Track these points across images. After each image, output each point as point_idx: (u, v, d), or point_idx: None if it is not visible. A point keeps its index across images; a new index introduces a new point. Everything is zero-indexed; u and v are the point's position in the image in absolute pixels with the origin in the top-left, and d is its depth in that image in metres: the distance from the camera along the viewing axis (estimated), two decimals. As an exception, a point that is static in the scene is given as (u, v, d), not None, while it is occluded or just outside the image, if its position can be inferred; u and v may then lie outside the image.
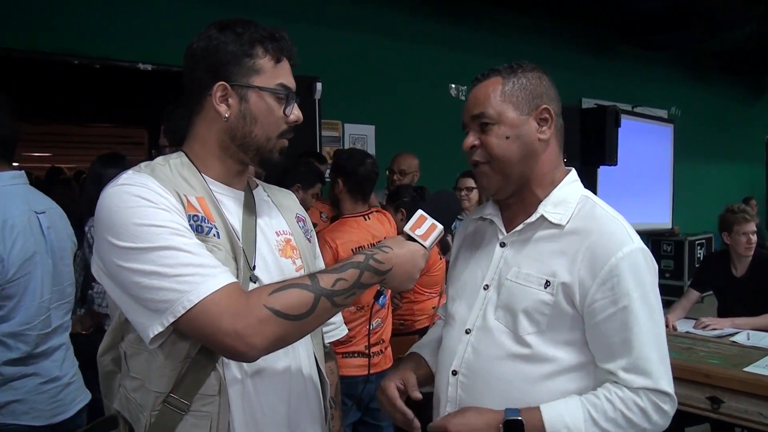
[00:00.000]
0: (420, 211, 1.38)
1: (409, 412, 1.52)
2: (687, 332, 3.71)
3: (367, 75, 5.57)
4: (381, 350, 3.09)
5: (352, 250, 2.86)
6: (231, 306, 1.13)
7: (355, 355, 2.93)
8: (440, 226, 1.36)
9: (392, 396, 1.53)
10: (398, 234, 1.40)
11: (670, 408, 1.35)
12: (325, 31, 5.27)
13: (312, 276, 1.21)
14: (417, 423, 1.53)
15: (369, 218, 3.10)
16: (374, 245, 2.99)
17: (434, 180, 4.27)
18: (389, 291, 3.09)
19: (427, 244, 1.35)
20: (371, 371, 2.93)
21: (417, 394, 1.54)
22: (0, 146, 2.20)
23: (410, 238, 1.35)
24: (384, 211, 3.36)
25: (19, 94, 5.22)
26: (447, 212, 1.41)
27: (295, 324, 1.17)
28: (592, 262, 1.36)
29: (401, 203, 3.66)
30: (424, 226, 1.36)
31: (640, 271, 1.35)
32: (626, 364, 1.34)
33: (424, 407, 1.58)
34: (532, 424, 1.33)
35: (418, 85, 5.92)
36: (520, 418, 1.33)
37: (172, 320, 1.14)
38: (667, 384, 1.35)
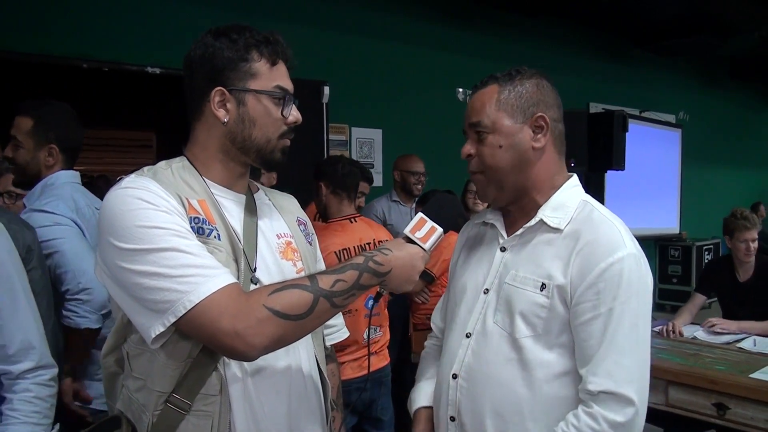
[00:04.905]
0: (420, 214, 1.39)
1: None
2: (693, 338, 3.70)
3: (374, 79, 5.57)
4: (374, 351, 3.07)
5: (335, 253, 2.85)
6: (231, 306, 1.15)
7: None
8: (440, 229, 1.38)
9: None
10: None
11: (624, 418, 1.30)
12: (333, 35, 5.28)
13: (312, 277, 1.22)
14: None
15: (355, 221, 3.08)
16: (362, 247, 2.99)
17: (441, 184, 4.26)
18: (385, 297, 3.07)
19: (426, 246, 1.36)
20: (363, 372, 2.91)
21: None
22: (68, 154, 2.42)
23: (410, 241, 1.36)
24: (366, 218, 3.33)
25: (28, 98, 5.26)
26: (448, 215, 1.42)
27: (295, 324, 1.18)
28: (583, 264, 1.36)
29: None
30: (424, 229, 1.37)
31: (630, 277, 1.34)
32: (594, 366, 1.33)
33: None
34: None
35: (425, 90, 5.91)
36: None
37: (173, 320, 1.15)
38: (633, 390, 1.31)
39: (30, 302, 1.64)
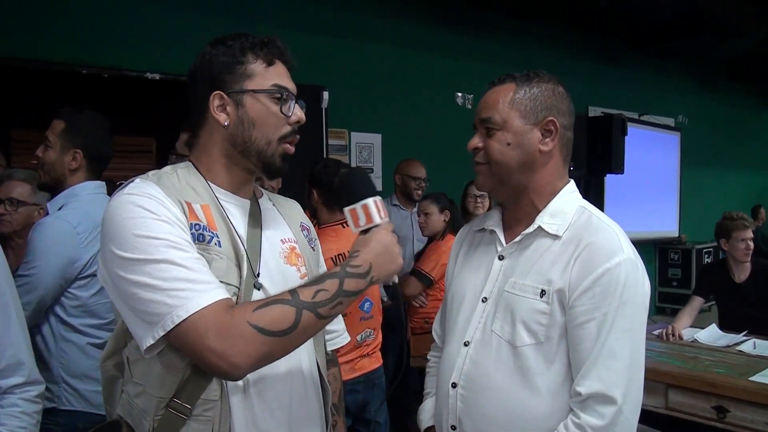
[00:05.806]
0: (346, 210, 1.34)
1: None
2: (693, 341, 3.70)
3: (373, 84, 5.58)
4: (367, 353, 3.07)
5: (331, 258, 2.85)
6: (216, 323, 1.14)
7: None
8: (370, 200, 1.33)
9: None
10: None
11: (603, 421, 1.31)
12: (332, 40, 5.29)
13: (292, 291, 1.21)
14: None
15: (347, 226, 3.06)
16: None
17: (440, 188, 4.27)
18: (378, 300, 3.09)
19: (378, 221, 1.32)
20: (356, 374, 2.92)
21: None
22: (93, 163, 2.43)
23: (366, 231, 1.33)
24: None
25: (28, 104, 5.26)
26: (359, 185, 1.36)
27: (280, 340, 1.16)
28: (581, 269, 1.37)
29: (443, 208, 3.92)
30: (361, 213, 1.33)
31: (627, 282, 1.35)
32: (586, 369, 1.34)
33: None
34: None
35: (424, 94, 5.92)
36: None
37: (162, 334, 1.15)
38: (619, 393, 1.32)
39: (20, 317, 1.62)
